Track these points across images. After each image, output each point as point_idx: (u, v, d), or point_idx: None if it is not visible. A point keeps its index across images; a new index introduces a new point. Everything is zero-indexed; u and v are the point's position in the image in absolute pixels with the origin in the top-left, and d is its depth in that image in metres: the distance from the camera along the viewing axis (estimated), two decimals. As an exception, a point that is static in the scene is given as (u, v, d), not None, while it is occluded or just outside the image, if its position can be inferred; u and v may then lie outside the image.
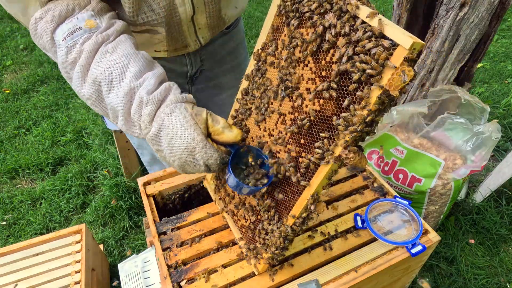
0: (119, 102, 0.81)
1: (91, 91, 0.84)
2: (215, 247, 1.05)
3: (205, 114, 0.80)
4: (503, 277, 1.90)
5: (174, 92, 0.82)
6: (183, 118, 0.78)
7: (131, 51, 0.84)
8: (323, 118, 0.76)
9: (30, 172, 2.64)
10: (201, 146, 0.78)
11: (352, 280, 0.96)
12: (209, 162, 0.80)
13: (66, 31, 0.82)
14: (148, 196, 1.22)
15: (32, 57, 3.98)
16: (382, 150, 1.87)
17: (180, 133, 0.78)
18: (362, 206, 1.16)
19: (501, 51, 3.68)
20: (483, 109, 1.80)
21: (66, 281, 1.49)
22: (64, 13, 0.82)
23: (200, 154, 0.79)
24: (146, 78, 0.82)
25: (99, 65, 0.82)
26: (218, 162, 0.81)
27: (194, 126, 0.78)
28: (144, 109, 0.80)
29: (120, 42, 0.84)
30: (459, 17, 1.72)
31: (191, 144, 0.78)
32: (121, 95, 0.81)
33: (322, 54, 0.74)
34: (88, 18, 0.83)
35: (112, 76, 0.81)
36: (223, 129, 0.80)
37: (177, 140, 0.78)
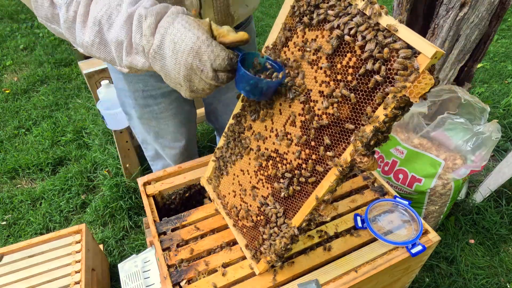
0: (121, 31, 0.79)
1: (93, 34, 0.82)
2: (215, 247, 1.05)
3: (208, 19, 0.77)
4: (503, 277, 1.90)
5: (175, 6, 0.80)
6: (186, 22, 0.75)
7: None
8: (337, 122, 0.75)
9: (30, 172, 2.64)
10: (207, 44, 0.74)
11: (352, 280, 0.96)
12: (217, 63, 0.75)
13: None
14: (148, 196, 1.22)
15: (32, 57, 3.98)
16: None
17: (184, 35, 0.75)
18: (362, 206, 1.16)
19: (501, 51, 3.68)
20: (483, 109, 1.80)
21: (66, 281, 1.49)
22: None
23: (206, 54, 0.74)
24: (142, 1, 0.81)
25: (97, 6, 0.81)
26: (226, 63, 0.75)
27: (198, 26, 0.75)
28: (144, 23, 0.77)
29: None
30: (459, 17, 1.72)
31: (196, 43, 0.74)
32: (122, 23, 0.79)
33: (338, 57, 0.73)
34: None
35: (110, 10, 0.80)
36: (228, 32, 0.77)
37: (181, 44, 0.75)
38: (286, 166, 0.86)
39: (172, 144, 1.51)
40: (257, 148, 0.93)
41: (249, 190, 0.98)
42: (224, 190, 1.09)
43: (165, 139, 1.49)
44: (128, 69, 0.85)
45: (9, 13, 4.85)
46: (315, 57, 0.78)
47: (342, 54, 0.72)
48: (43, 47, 4.13)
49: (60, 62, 3.88)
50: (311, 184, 0.82)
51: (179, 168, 1.30)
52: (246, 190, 0.99)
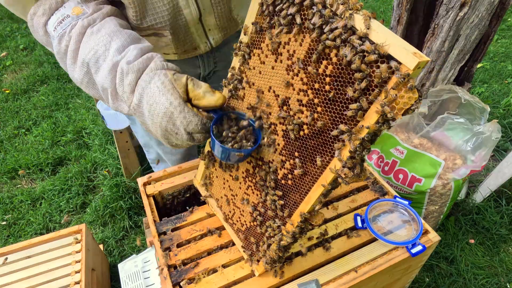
0: (106, 79, 0.82)
1: (82, 74, 0.85)
2: (215, 247, 1.05)
3: (184, 79, 0.77)
4: (503, 277, 1.90)
5: (155, 61, 0.80)
6: (161, 84, 0.76)
7: (114, 29, 0.84)
8: (317, 133, 0.71)
9: (30, 172, 2.64)
10: (179, 111, 0.75)
11: (352, 280, 0.96)
12: (190, 128, 0.77)
13: (56, 21, 0.84)
14: (148, 196, 1.22)
15: (32, 57, 3.98)
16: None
17: (158, 99, 0.76)
18: (362, 206, 1.16)
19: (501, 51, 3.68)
20: (483, 109, 1.80)
21: (66, 281, 1.49)
22: (54, 5, 0.85)
23: (179, 120, 0.76)
24: (128, 50, 0.81)
25: (86, 47, 0.83)
26: (199, 128, 0.77)
27: (172, 90, 0.75)
28: (125, 79, 0.79)
29: (105, 23, 0.85)
30: (459, 17, 1.72)
31: (169, 109, 0.75)
32: (106, 71, 0.81)
33: (314, 64, 0.68)
34: (75, 5, 0.85)
35: (98, 55, 0.82)
36: (204, 93, 0.77)
37: (156, 107, 0.76)
38: (271, 175, 0.84)
39: (174, 150, 1.52)
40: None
41: (240, 195, 0.98)
42: (217, 193, 1.09)
43: (166, 146, 1.49)
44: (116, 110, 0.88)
45: (9, 13, 4.85)
46: (290, 62, 0.72)
47: (318, 61, 0.66)
48: (43, 47, 4.13)
49: (60, 62, 3.88)
50: (298, 194, 0.80)
51: (179, 168, 1.30)
52: (237, 195, 0.99)
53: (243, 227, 1.00)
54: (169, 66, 0.81)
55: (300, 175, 0.78)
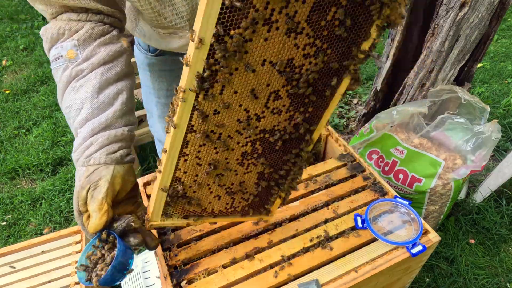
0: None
1: (64, 110, 0.91)
2: (215, 247, 1.05)
3: (84, 193, 0.81)
4: (503, 277, 1.90)
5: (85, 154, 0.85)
6: (75, 187, 0.84)
7: (88, 95, 0.86)
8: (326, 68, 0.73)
9: (30, 172, 2.64)
10: (76, 217, 0.85)
11: (352, 280, 0.96)
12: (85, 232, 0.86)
13: (53, 56, 0.89)
14: (148, 196, 1.22)
15: (32, 57, 3.98)
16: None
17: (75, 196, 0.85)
18: (362, 206, 1.16)
19: (501, 51, 3.69)
20: (483, 109, 1.80)
21: (66, 281, 1.49)
22: (55, 36, 0.88)
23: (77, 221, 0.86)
24: (82, 130, 0.86)
25: (66, 100, 0.88)
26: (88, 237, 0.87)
27: (75, 198, 0.83)
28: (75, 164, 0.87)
29: (87, 80, 0.87)
30: (459, 17, 1.72)
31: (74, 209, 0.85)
32: (73, 132, 0.89)
33: (320, 14, 0.66)
34: (71, 47, 0.87)
35: (70, 116, 0.88)
36: (92, 213, 0.82)
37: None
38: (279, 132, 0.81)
39: None
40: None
41: (240, 177, 0.88)
42: (204, 203, 0.93)
43: None
44: None
45: (9, 13, 4.85)
46: (292, 24, 0.67)
47: (324, 10, 0.65)
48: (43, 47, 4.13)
49: (60, 62, 3.88)
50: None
51: (179, 168, 1.30)
52: (234, 184, 0.89)
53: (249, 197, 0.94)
54: (91, 161, 0.83)
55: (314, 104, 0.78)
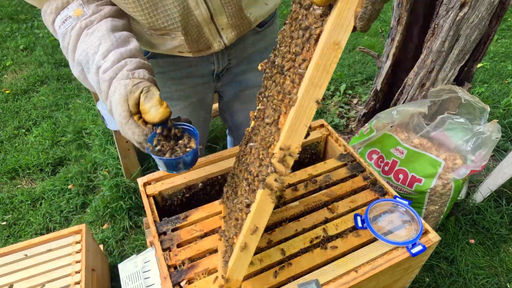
0: (93, 81, 0.90)
1: (78, 72, 0.93)
2: (215, 247, 1.05)
3: (138, 93, 0.84)
4: (503, 277, 1.90)
5: (123, 71, 0.87)
6: (118, 96, 0.84)
7: (105, 33, 0.90)
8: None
9: (30, 172, 2.64)
10: (124, 122, 0.85)
11: (352, 280, 0.96)
12: (136, 138, 0.86)
13: (60, 21, 0.92)
14: (148, 196, 1.22)
15: (32, 57, 3.98)
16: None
17: (115, 109, 0.86)
18: (362, 206, 1.16)
19: (501, 51, 3.69)
20: (483, 109, 1.80)
21: (66, 281, 1.49)
22: (60, 5, 0.92)
23: (125, 130, 0.86)
24: (108, 57, 0.88)
25: (80, 48, 0.91)
26: (142, 139, 0.85)
27: (123, 103, 0.84)
28: (101, 87, 0.88)
29: (98, 26, 0.92)
30: (459, 17, 1.72)
31: (119, 119, 0.85)
32: (93, 74, 0.89)
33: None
34: (77, 7, 0.92)
35: (88, 57, 0.90)
36: (150, 108, 0.83)
37: (115, 116, 0.87)
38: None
39: None
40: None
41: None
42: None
43: None
44: None
45: (9, 13, 4.85)
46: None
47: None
48: (43, 47, 4.13)
49: (60, 62, 3.88)
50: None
51: (179, 168, 1.30)
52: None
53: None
54: (136, 74, 0.86)
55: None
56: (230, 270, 0.85)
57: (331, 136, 1.42)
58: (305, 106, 0.69)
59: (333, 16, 0.61)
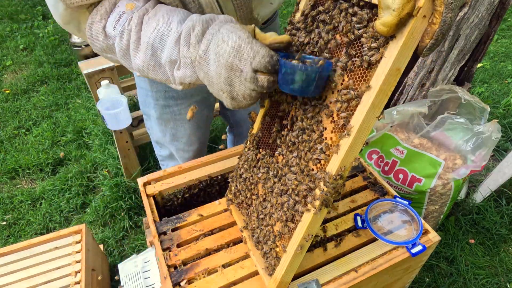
0: (173, 51, 0.84)
1: (148, 58, 0.88)
2: (215, 247, 1.05)
3: (253, 26, 0.79)
4: (503, 277, 1.90)
5: (221, 17, 0.84)
6: (232, 27, 0.78)
7: (169, 8, 0.90)
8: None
9: (30, 172, 2.64)
10: (247, 42, 0.74)
11: (352, 280, 0.96)
12: (257, 60, 0.73)
13: (114, 21, 0.90)
14: (148, 196, 1.22)
15: (32, 57, 3.98)
16: None
17: (227, 37, 0.77)
18: (362, 206, 1.16)
19: (501, 51, 3.68)
20: (483, 109, 1.80)
21: (66, 281, 1.49)
22: (109, 8, 0.90)
23: (246, 51, 0.74)
24: (190, 19, 0.85)
25: (147, 31, 0.88)
26: (266, 61, 0.73)
27: (241, 28, 0.77)
28: (192, 34, 0.82)
29: (158, 8, 0.90)
30: (459, 17, 1.72)
31: (237, 42, 0.75)
32: (172, 43, 0.84)
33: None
34: (127, 2, 0.90)
35: (161, 32, 0.86)
36: (271, 35, 0.77)
37: (224, 46, 0.77)
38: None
39: (187, 147, 1.53)
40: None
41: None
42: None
43: (180, 142, 1.51)
44: (181, 85, 0.90)
45: (9, 13, 4.85)
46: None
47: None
48: (43, 47, 4.13)
49: (60, 62, 3.88)
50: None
51: (179, 168, 1.30)
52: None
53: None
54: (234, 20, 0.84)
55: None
56: (283, 275, 0.89)
57: (331, 136, 1.42)
58: (364, 127, 0.72)
59: (399, 45, 0.63)
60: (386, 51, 0.66)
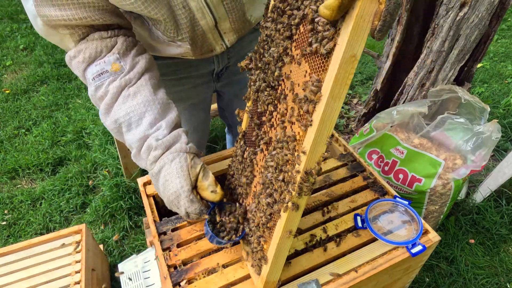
0: (134, 143, 0.94)
1: (113, 127, 0.96)
2: (215, 247, 1.05)
3: (198, 168, 0.92)
4: (503, 277, 1.90)
5: (181, 142, 0.94)
6: (180, 168, 0.90)
7: (149, 98, 0.95)
8: None
9: (30, 172, 2.64)
10: (185, 195, 0.90)
11: (352, 280, 0.96)
12: (189, 210, 0.92)
13: (95, 72, 0.92)
14: (148, 196, 1.22)
15: (32, 57, 3.98)
16: None
17: (173, 179, 0.90)
18: (362, 206, 1.16)
19: (501, 51, 3.69)
20: (483, 109, 1.80)
21: (66, 281, 1.49)
22: (93, 55, 0.92)
23: (183, 201, 0.90)
24: (159, 127, 0.94)
25: (121, 108, 0.93)
26: (196, 212, 0.92)
27: (186, 176, 0.90)
28: (153, 152, 0.93)
29: (140, 86, 0.95)
30: (459, 17, 1.72)
31: (179, 191, 0.90)
32: (136, 138, 0.93)
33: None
34: (114, 61, 0.93)
35: (131, 121, 0.93)
36: (208, 187, 0.91)
37: (169, 184, 0.91)
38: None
39: None
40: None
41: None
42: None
43: None
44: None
45: (9, 13, 4.85)
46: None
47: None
48: (43, 47, 4.13)
49: (60, 62, 3.88)
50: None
51: (179, 168, 1.30)
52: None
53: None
54: (190, 149, 0.94)
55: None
56: (268, 274, 0.89)
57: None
58: (325, 119, 0.70)
59: (348, 30, 0.60)
60: (339, 37, 0.63)
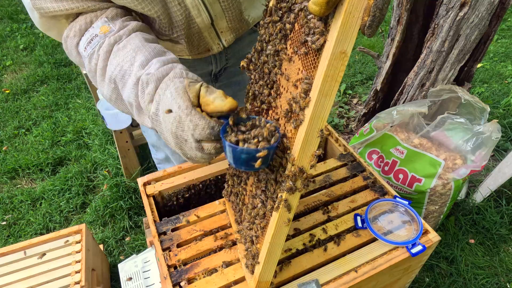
0: (131, 94, 0.82)
1: (110, 91, 0.87)
2: (215, 247, 1.05)
3: (198, 86, 0.73)
4: (503, 277, 1.90)
5: (175, 70, 0.78)
6: (174, 90, 0.73)
7: (139, 44, 0.85)
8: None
9: (30, 172, 2.64)
10: (186, 114, 0.70)
11: (352, 280, 0.96)
12: (197, 133, 0.70)
13: (86, 41, 0.88)
14: (148, 196, 1.22)
15: (32, 57, 3.98)
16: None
17: (169, 104, 0.73)
18: (362, 206, 1.16)
19: (501, 51, 3.68)
20: (483, 109, 1.80)
21: (66, 281, 1.49)
22: (84, 26, 0.88)
23: (186, 123, 0.70)
24: (151, 64, 0.81)
25: (112, 64, 0.85)
26: (206, 133, 0.70)
27: (182, 95, 0.72)
28: (146, 90, 0.78)
29: (130, 39, 0.87)
30: (459, 17, 1.72)
31: (177, 112, 0.71)
32: (131, 86, 0.81)
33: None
34: (102, 24, 0.88)
35: (123, 71, 0.83)
36: (214, 99, 0.70)
37: (167, 115, 0.74)
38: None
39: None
40: None
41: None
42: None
43: None
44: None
45: (9, 13, 4.85)
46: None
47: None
48: (43, 47, 4.13)
49: (60, 62, 3.88)
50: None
51: (179, 168, 1.30)
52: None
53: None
54: (189, 75, 0.79)
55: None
56: (260, 274, 0.87)
57: (331, 136, 1.42)
58: (316, 116, 0.68)
59: (337, 25, 0.59)
60: (329, 34, 0.62)
